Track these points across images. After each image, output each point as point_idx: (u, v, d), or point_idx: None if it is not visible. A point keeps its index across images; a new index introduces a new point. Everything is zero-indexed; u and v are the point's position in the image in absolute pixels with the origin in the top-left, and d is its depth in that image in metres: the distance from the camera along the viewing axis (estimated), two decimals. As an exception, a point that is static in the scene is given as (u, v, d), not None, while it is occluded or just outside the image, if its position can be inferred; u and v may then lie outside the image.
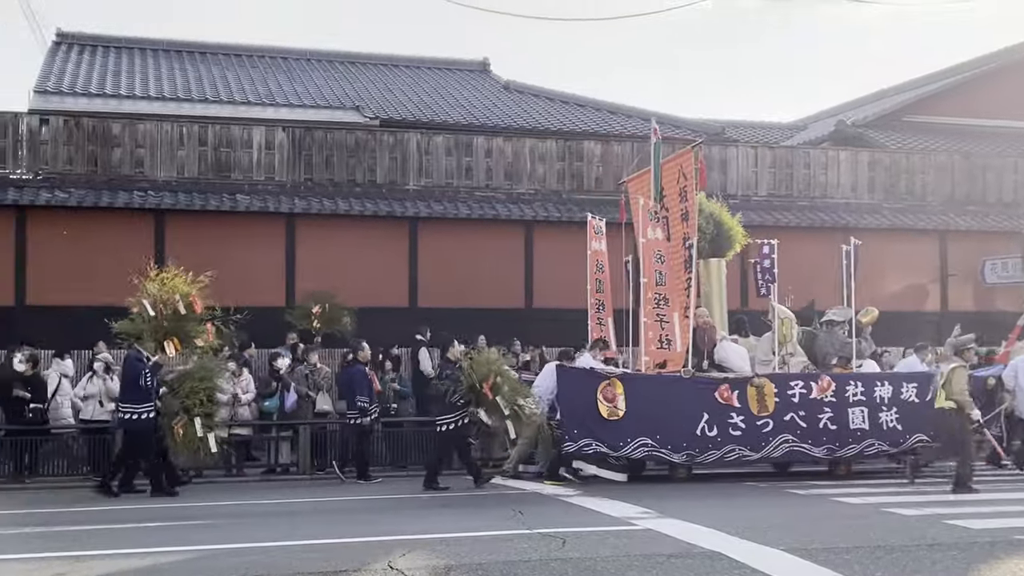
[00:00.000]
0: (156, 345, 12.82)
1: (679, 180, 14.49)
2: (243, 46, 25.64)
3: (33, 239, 17.46)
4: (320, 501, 12.15)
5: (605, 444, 13.03)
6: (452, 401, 12.87)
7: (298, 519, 10.54)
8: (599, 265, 16.44)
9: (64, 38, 24.15)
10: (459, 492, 12.69)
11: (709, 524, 9.13)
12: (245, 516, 10.88)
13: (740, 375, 13.68)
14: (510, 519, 9.82)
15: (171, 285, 12.98)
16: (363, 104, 22.06)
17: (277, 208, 18.46)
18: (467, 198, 19.71)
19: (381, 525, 9.60)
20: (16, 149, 17.84)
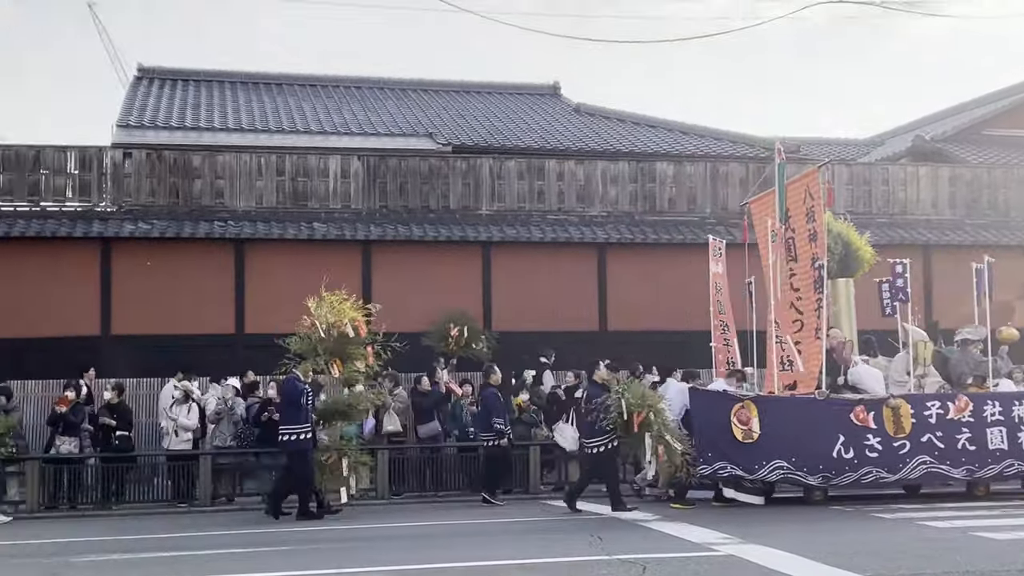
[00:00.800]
0: (322, 365, 13.16)
1: (805, 200, 14.34)
2: (318, 76, 26.08)
3: (117, 270, 17.92)
4: (398, 527, 12.20)
5: (740, 467, 12.95)
6: (601, 425, 12.83)
7: (375, 545, 10.60)
8: (718, 287, 16.36)
9: (145, 73, 24.80)
10: (539, 518, 12.67)
11: (792, 549, 8.98)
12: (320, 542, 10.97)
13: (875, 396, 13.50)
14: (590, 545, 9.77)
15: (340, 308, 13.37)
16: (436, 131, 22.28)
17: (353, 235, 18.71)
18: (539, 221, 19.76)
19: (458, 551, 9.61)
20: (101, 182, 18.35)
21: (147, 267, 17.91)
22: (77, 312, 17.40)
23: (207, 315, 17.92)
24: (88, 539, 11.44)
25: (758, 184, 18.17)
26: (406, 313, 18.25)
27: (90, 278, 17.71)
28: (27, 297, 17.21)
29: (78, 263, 17.67)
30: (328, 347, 13.27)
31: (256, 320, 18.11)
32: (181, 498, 15.13)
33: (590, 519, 12.37)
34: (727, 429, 12.94)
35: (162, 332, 17.55)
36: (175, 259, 18.03)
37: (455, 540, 10.75)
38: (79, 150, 18.38)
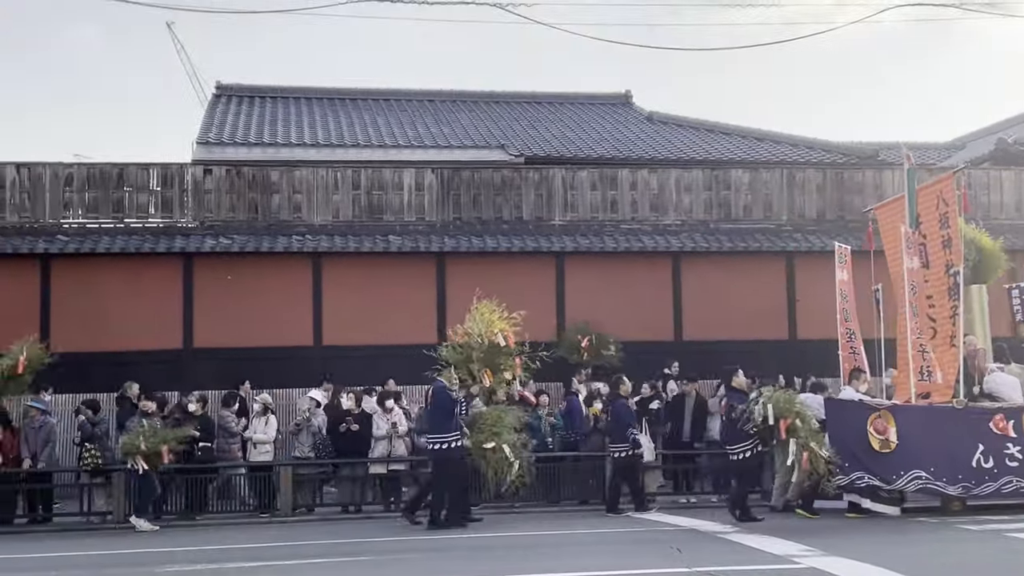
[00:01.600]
0: (472, 375, 13.34)
1: (938, 206, 14.17)
2: (392, 91, 26.37)
3: (199, 284, 18.29)
4: (478, 537, 12.24)
5: (877, 477, 12.78)
6: (745, 430, 12.89)
7: (453, 555, 10.65)
8: (844, 294, 16.17)
9: (223, 90, 25.34)
10: (616, 529, 12.61)
11: (876, 562, 8.82)
12: (407, 552, 11.06)
13: (1014, 404, 13.28)
14: (669, 557, 9.70)
15: (489, 318, 13.55)
16: (508, 142, 22.38)
17: (428, 248, 18.86)
18: (613, 231, 19.71)
19: (539, 562, 9.62)
20: (182, 199, 18.77)
21: (227, 281, 18.26)
22: (160, 326, 17.80)
23: (286, 327, 18.20)
24: (173, 549, 11.67)
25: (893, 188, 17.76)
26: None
27: (173, 292, 18.11)
28: (112, 311, 17.64)
29: (161, 278, 18.07)
30: (480, 357, 13.39)
31: (333, 332, 18.36)
32: (263, 509, 15.36)
33: (668, 530, 12.27)
34: (864, 438, 12.77)
35: (242, 345, 17.87)
36: (254, 273, 18.35)
37: (530, 551, 10.76)
38: (161, 167, 18.84)
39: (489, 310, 13.68)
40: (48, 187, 18.31)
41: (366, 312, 18.39)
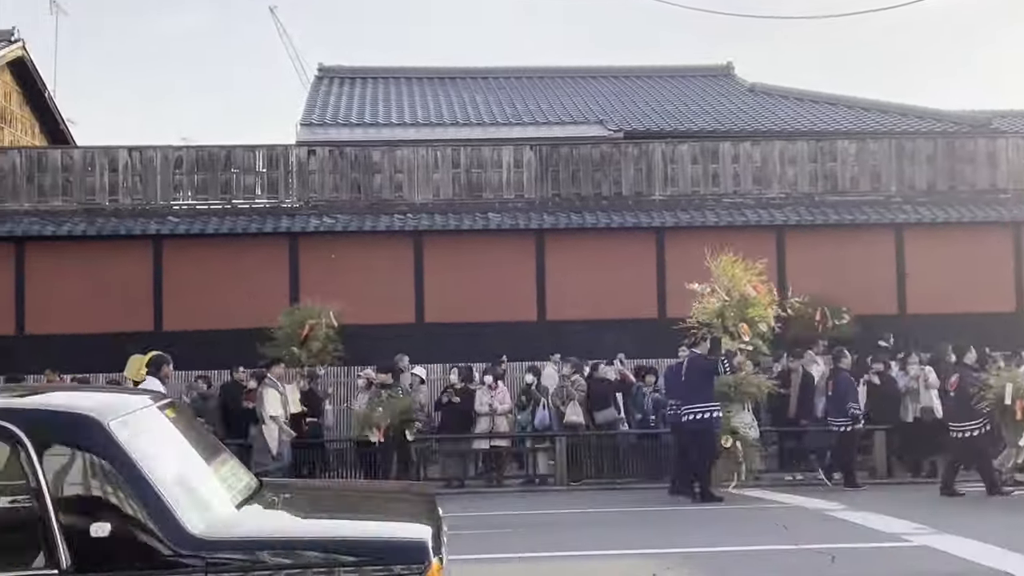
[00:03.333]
0: (729, 332, 13.10)
1: None
2: (490, 68, 26.40)
3: (304, 263, 18.65)
4: (581, 513, 12.26)
5: None
6: (978, 408, 12.60)
7: (561, 530, 10.69)
8: None
9: (325, 72, 25.68)
10: (722, 506, 12.50)
11: (991, 540, 8.57)
12: (508, 526, 11.14)
13: None
14: (775, 534, 9.58)
15: (733, 272, 13.41)
16: (607, 117, 22.21)
17: (527, 224, 18.88)
18: (715, 205, 19.44)
19: (645, 537, 9.61)
20: (287, 179, 19.14)
21: (331, 260, 18.58)
22: (267, 304, 18.18)
23: (389, 305, 18.44)
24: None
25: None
26: (580, 300, 18.42)
27: (279, 271, 18.50)
28: (220, 291, 18.11)
29: (267, 258, 18.47)
30: (733, 311, 13.10)
31: (435, 309, 18.55)
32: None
33: (774, 508, 12.12)
34: None
35: (346, 322, 18.15)
36: (357, 252, 18.62)
37: (642, 527, 10.73)
38: (267, 149, 19.23)
39: (731, 263, 13.43)
40: (159, 170, 18.85)
41: (467, 289, 18.52)
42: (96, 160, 18.85)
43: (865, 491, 13.50)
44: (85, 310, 17.02)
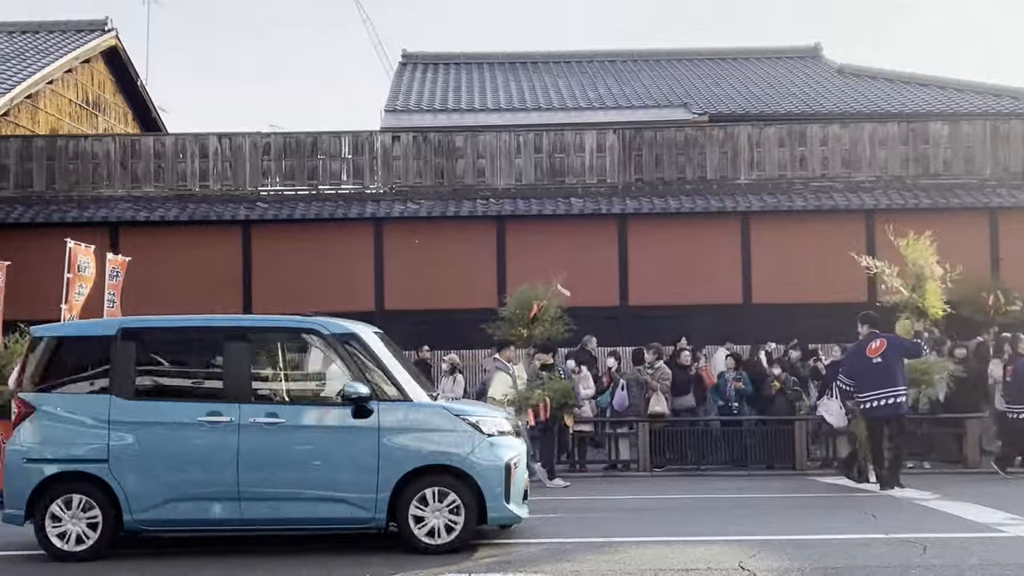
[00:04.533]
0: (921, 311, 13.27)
1: None
2: (573, 52, 26.31)
3: (388, 248, 18.84)
4: (664, 499, 12.21)
5: None
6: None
7: (643, 515, 10.65)
8: None
9: (409, 59, 25.87)
10: (808, 494, 12.35)
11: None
12: (591, 511, 11.14)
13: None
14: (863, 523, 9.43)
15: (920, 250, 13.48)
16: (691, 100, 21.99)
17: (609, 209, 18.80)
18: (802, 189, 19.12)
19: (730, 524, 9.52)
20: (372, 166, 19.34)
21: (415, 245, 18.74)
22: (353, 289, 18.43)
23: (471, 290, 18.53)
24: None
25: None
26: (662, 287, 18.29)
27: (365, 256, 18.72)
28: (307, 276, 18.39)
29: (353, 243, 18.70)
30: (923, 293, 13.18)
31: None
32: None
33: (860, 496, 11.92)
34: None
35: (429, 307, 18.33)
36: (441, 237, 18.75)
37: (727, 514, 10.64)
38: (352, 135, 19.45)
39: (913, 241, 13.43)
40: (248, 156, 19.20)
41: (549, 274, 18.46)
42: (187, 147, 19.28)
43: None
44: (176, 293, 17.38)
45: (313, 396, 8.84)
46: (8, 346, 13.32)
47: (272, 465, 8.22)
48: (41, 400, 8.48)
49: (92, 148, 19.27)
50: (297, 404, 8.64)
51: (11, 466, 8.37)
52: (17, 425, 8.50)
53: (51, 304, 14.11)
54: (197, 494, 8.22)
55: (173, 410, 8.39)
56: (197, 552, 8.52)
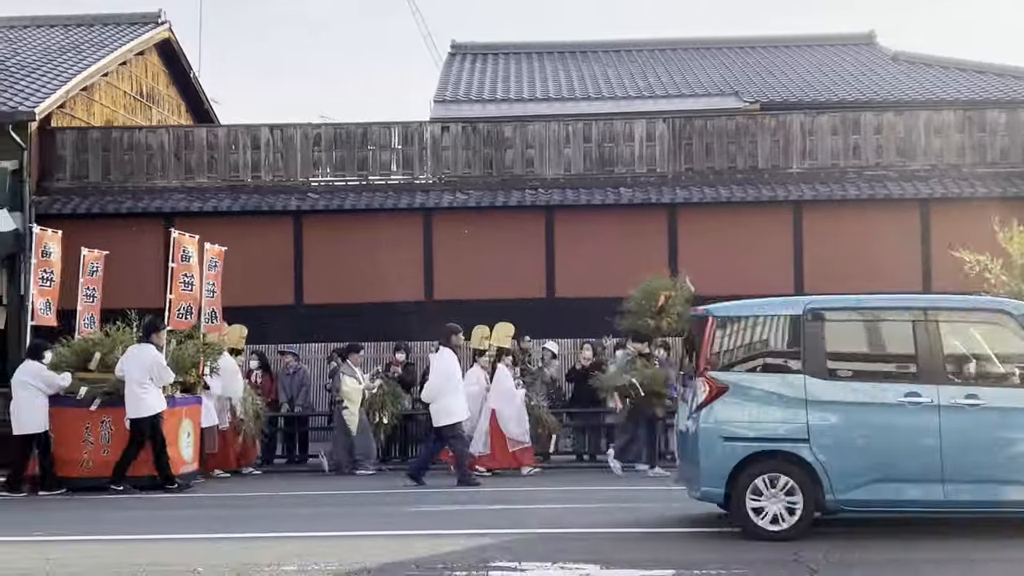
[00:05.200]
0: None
1: None
2: (622, 41, 26.17)
3: (437, 238, 18.90)
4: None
5: None
6: None
7: (691, 505, 10.54)
8: None
9: (458, 49, 25.89)
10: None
11: None
12: (632, 500, 11.08)
13: None
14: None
15: (1020, 241, 13.57)
16: (742, 88, 21.78)
17: (659, 199, 18.70)
18: (855, 178, 18.88)
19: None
20: (422, 156, 19.39)
21: (464, 235, 18.78)
22: (403, 279, 18.51)
23: (520, 280, 18.55)
24: (419, 491, 12.21)
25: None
26: (713, 277, 18.11)
27: (414, 246, 18.79)
28: (357, 265, 18.51)
29: (403, 233, 18.76)
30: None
31: (565, 284, 18.57)
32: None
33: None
34: None
35: (478, 297, 18.35)
36: (489, 227, 18.77)
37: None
38: (402, 126, 19.52)
39: (1019, 232, 13.38)
40: (299, 147, 19.35)
41: (597, 264, 18.46)
42: (239, 138, 19.47)
43: None
44: (229, 284, 17.59)
45: (1007, 377, 8.53)
46: (109, 334, 13.46)
47: (975, 448, 8.10)
48: (732, 379, 8.44)
49: (146, 139, 19.54)
50: (994, 386, 8.42)
51: (707, 444, 8.33)
52: (708, 404, 8.40)
53: (122, 292, 14.40)
54: (898, 475, 8.13)
55: (872, 390, 8.30)
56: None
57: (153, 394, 12.43)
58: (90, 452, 12.70)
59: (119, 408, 12.56)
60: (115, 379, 12.68)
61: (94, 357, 13.01)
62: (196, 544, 8.27)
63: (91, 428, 12.71)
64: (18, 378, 12.68)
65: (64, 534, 9.05)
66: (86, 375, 12.92)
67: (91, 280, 14.92)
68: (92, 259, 14.98)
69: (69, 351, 13.28)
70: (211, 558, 7.42)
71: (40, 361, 12.73)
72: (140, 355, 12.56)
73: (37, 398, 12.50)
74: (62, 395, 12.67)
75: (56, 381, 12.58)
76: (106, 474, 12.40)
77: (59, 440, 12.65)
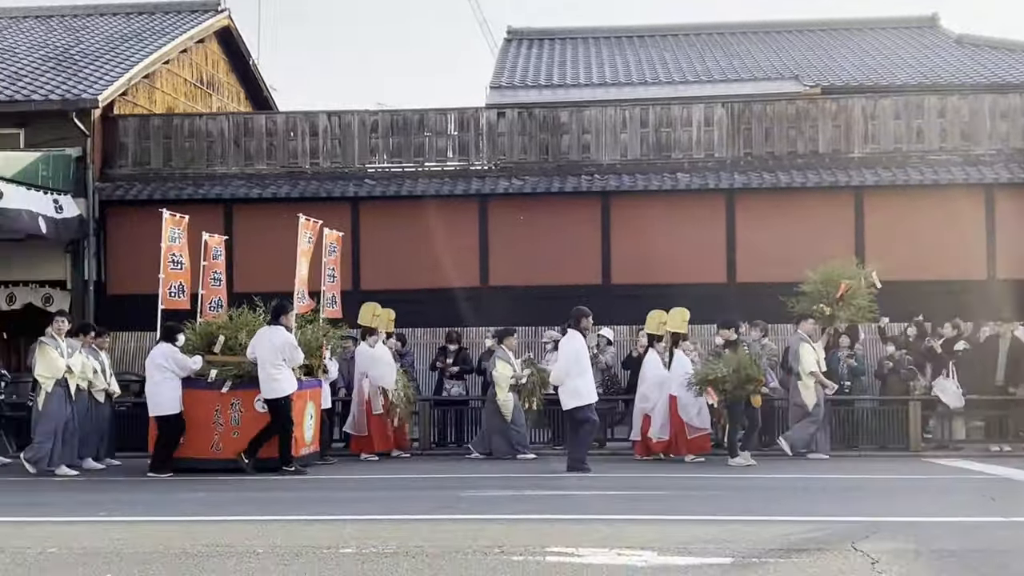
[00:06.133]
0: None
1: None
2: (679, 25, 25.92)
3: (493, 225, 18.89)
4: (773, 478, 12.03)
5: None
6: None
7: (770, 495, 10.51)
8: None
9: (514, 35, 25.83)
10: (924, 476, 12.03)
11: None
12: (690, 489, 11.05)
13: None
14: (982, 505, 9.13)
15: None
16: (802, 72, 21.47)
17: (717, 185, 18.52)
18: (918, 163, 18.53)
19: (846, 505, 9.35)
20: (478, 142, 19.40)
21: (519, 221, 18.76)
22: (459, 265, 18.53)
23: (576, 266, 18.50)
24: (475, 476, 12.26)
25: None
26: (771, 264, 17.94)
27: (470, 232, 18.80)
28: (413, 251, 18.55)
29: (459, 219, 18.75)
30: None
31: (621, 271, 18.47)
32: (557, 441, 15.78)
33: (980, 478, 11.56)
34: None
35: (533, 283, 18.34)
36: (545, 213, 18.73)
37: (837, 495, 10.45)
38: (458, 112, 19.53)
39: None
40: (356, 134, 19.45)
41: (654, 251, 18.34)
42: (298, 125, 19.62)
43: None
44: (286, 269, 17.76)
45: None
46: (233, 318, 13.61)
47: None
48: None
49: (207, 126, 19.77)
50: None
51: None
52: None
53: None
54: None
55: None
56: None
57: (286, 375, 12.50)
58: (220, 434, 12.82)
59: (248, 391, 12.71)
60: (245, 362, 12.75)
61: (218, 340, 13.08)
62: (264, 525, 8.35)
63: (221, 411, 12.84)
64: (153, 360, 12.82)
65: (135, 515, 9.22)
66: (214, 358, 13.02)
67: (215, 264, 15.04)
68: (214, 244, 15.05)
69: (194, 334, 13.36)
70: (274, 539, 7.50)
71: (173, 344, 12.86)
72: (272, 337, 12.58)
73: (171, 380, 12.65)
74: (193, 378, 12.82)
75: (188, 364, 12.72)
76: (234, 456, 12.50)
77: (190, 423, 12.79)
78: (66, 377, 12.91)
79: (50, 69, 19.87)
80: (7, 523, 8.71)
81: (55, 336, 13.04)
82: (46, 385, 12.79)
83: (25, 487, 11.88)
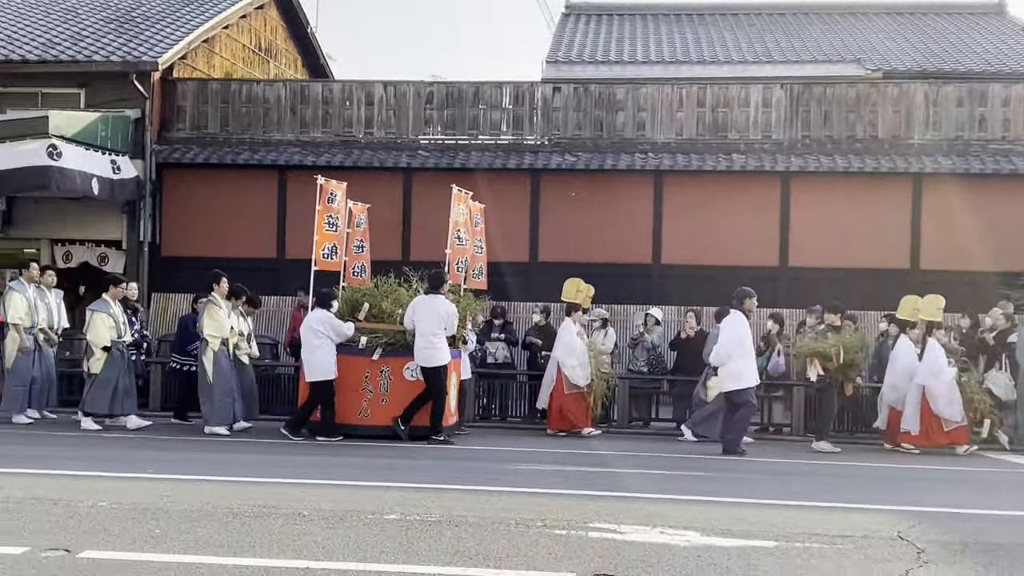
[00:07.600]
0: None
1: None
2: (740, 4, 25.68)
3: (545, 200, 18.86)
4: (816, 464, 11.94)
5: None
6: None
7: (797, 480, 10.46)
8: None
9: (572, 9, 25.69)
10: (970, 468, 11.87)
11: None
12: (733, 471, 11.01)
13: None
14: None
15: None
16: (864, 56, 21.15)
17: (773, 167, 18.34)
18: (980, 152, 18.21)
19: (887, 494, 9.25)
20: (532, 116, 19.35)
21: (571, 197, 18.71)
22: (509, 240, 18.49)
23: (626, 244, 18.43)
24: (520, 449, 12.30)
25: None
26: (825, 249, 17.76)
27: (522, 206, 18.79)
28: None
29: (511, 193, 18.72)
30: None
31: (673, 250, 18.38)
32: (602, 420, 15.76)
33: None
34: None
35: (583, 260, 18.29)
36: (597, 190, 18.66)
37: (883, 483, 10.35)
38: (513, 86, 19.49)
39: None
40: (411, 105, 19.49)
41: (707, 232, 18.24)
42: (354, 93, 19.70)
43: None
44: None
45: None
46: (378, 285, 13.54)
47: None
48: None
49: (264, 93, 19.91)
50: None
51: None
52: None
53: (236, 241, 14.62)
54: None
55: None
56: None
57: (444, 344, 12.38)
58: (369, 401, 12.71)
59: (398, 358, 12.57)
60: (395, 329, 12.63)
61: (363, 307, 13.00)
62: (310, 489, 8.46)
63: (370, 377, 12.69)
64: (309, 325, 12.73)
65: (192, 473, 9.37)
66: (362, 324, 12.87)
67: (358, 231, 14.85)
68: (358, 212, 14.86)
69: (340, 301, 13.22)
70: (321, 503, 7.59)
71: (328, 310, 12.75)
72: (434, 306, 12.38)
73: (327, 345, 12.55)
74: (343, 344, 12.69)
75: (343, 330, 12.59)
76: (384, 423, 12.43)
77: (340, 388, 12.67)
78: (226, 339, 13.06)
79: (112, 31, 20.10)
80: (88, 476, 8.85)
81: (218, 297, 13.14)
82: (213, 344, 12.90)
83: (112, 444, 12.10)
